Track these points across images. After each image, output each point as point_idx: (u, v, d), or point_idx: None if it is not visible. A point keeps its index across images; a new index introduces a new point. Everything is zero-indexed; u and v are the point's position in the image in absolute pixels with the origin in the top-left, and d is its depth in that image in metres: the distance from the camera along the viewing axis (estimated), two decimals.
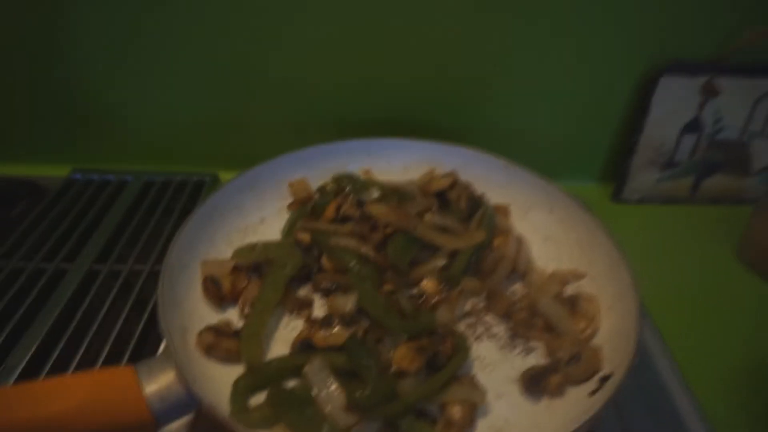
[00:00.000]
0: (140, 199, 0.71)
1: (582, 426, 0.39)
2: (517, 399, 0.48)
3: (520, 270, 0.58)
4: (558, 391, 0.47)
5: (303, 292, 0.57)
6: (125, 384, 0.39)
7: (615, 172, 0.81)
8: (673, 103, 0.74)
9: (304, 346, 0.49)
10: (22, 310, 0.55)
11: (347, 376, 0.46)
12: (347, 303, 0.53)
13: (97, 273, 0.60)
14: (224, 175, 0.78)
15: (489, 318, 0.55)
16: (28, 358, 0.51)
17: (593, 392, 0.46)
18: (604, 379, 0.46)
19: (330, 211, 0.61)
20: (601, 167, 0.83)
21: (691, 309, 0.65)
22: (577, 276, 0.57)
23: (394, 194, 0.63)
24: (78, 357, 0.51)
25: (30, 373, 0.50)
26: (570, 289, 0.56)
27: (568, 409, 0.46)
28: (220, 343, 0.49)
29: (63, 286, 0.58)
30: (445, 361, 0.47)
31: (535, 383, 0.48)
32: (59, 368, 0.50)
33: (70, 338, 0.53)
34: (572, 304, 0.54)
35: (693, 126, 0.76)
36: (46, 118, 0.75)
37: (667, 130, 0.76)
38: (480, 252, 0.57)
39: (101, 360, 0.51)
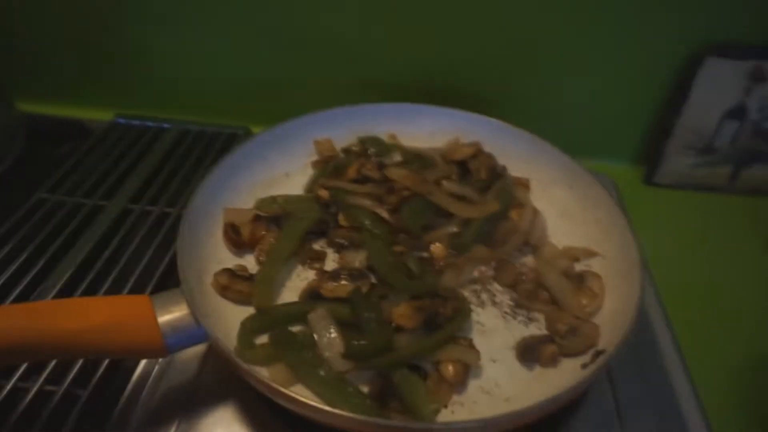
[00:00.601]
0: (176, 146, 0.75)
1: (566, 393, 0.40)
2: (511, 365, 0.49)
3: (532, 243, 0.59)
4: (551, 361, 0.48)
5: (318, 245, 0.59)
6: (140, 311, 0.43)
7: (649, 155, 0.79)
8: (717, 86, 0.71)
9: (312, 296, 0.52)
10: (60, 240, 0.60)
11: (349, 327, 0.48)
12: (357, 258, 0.55)
13: (130, 211, 0.64)
14: (256, 130, 0.80)
15: (495, 287, 0.56)
16: (61, 284, 0.56)
17: (585, 365, 0.47)
18: (598, 354, 0.47)
19: (351, 171, 0.62)
20: (637, 149, 0.81)
21: (710, 297, 0.64)
22: (589, 254, 0.57)
23: (416, 160, 0.64)
24: (106, 286, 0.56)
25: (62, 295, 0.55)
26: (580, 267, 0.57)
27: (559, 378, 0.47)
28: (234, 284, 0.52)
29: (99, 221, 0.62)
30: (445, 322, 0.49)
31: (529, 351, 0.49)
32: (88, 293, 0.55)
33: (101, 269, 0.57)
34: (579, 280, 0.54)
35: (736, 112, 0.73)
36: (95, 64, 0.79)
37: (708, 114, 0.73)
38: (494, 222, 0.58)
39: (126, 290, 0.55)
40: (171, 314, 0.43)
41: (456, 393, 0.46)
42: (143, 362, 0.51)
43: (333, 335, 0.47)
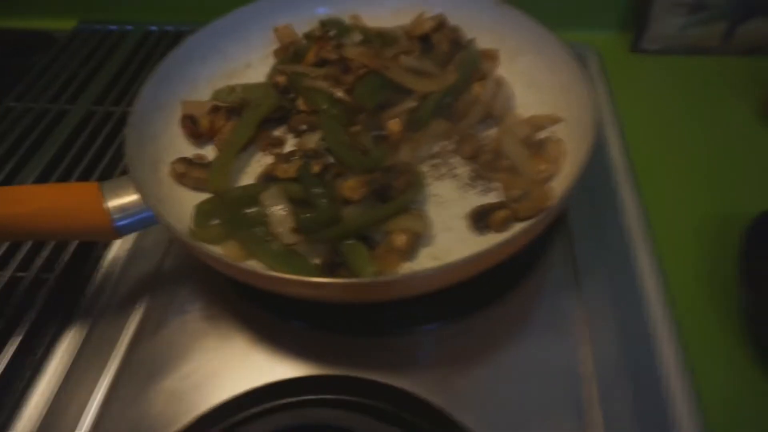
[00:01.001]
0: (138, 47, 0.75)
1: (498, 245, 0.40)
2: (464, 233, 0.49)
3: (496, 115, 0.57)
4: (502, 226, 0.48)
5: (278, 132, 0.59)
6: (88, 195, 0.44)
7: (636, 19, 0.73)
8: None
9: (268, 178, 0.52)
10: (27, 144, 0.62)
11: (301, 205, 0.48)
12: (313, 140, 0.55)
13: (94, 113, 0.65)
14: None
15: (455, 160, 0.55)
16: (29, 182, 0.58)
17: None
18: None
19: (311, 55, 0.61)
20: (623, 14, 0.76)
21: (685, 160, 0.61)
22: (553, 120, 0.55)
23: (377, 38, 0.61)
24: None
25: None
26: (545, 134, 0.55)
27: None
28: (190, 171, 0.52)
29: (64, 124, 0.64)
30: (396, 194, 0.48)
31: (481, 217, 0.49)
32: None
33: (66, 168, 0.60)
34: (539, 147, 0.52)
35: None
36: None
37: None
38: (454, 95, 0.56)
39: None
40: (119, 198, 0.44)
41: (407, 261, 0.47)
42: (112, 251, 0.53)
43: (284, 212, 0.47)
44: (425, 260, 0.47)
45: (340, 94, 0.55)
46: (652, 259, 0.50)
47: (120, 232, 0.44)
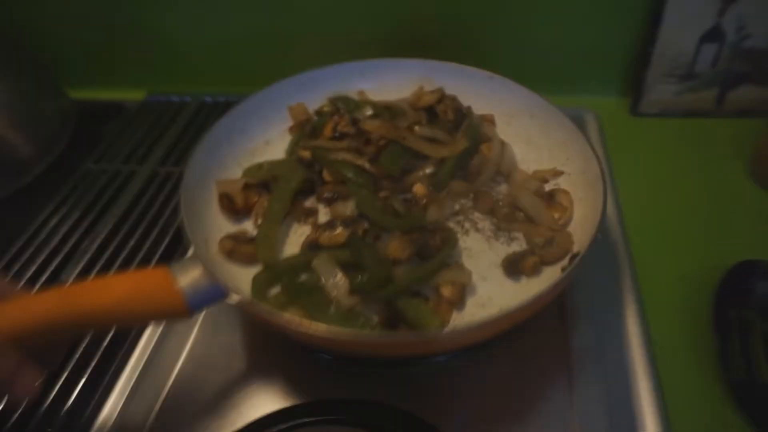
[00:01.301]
0: (196, 115, 0.89)
1: (545, 292, 0.45)
2: (500, 280, 0.55)
3: (504, 172, 0.64)
4: (534, 271, 0.54)
5: (308, 203, 0.63)
6: (161, 280, 0.46)
7: (633, 85, 0.80)
8: (689, 10, 0.72)
9: (312, 247, 0.56)
10: (104, 200, 0.75)
11: (350, 268, 0.52)
12: (347, 208, 0.59)
13: (157, 173, 0.78)
14: None
15: (476, 215, 0.61)
16: (102, 236, 0.69)
17: (564, 269, 0.53)
18: (574, 257, 0.52)
19: (328, 129, 0.66)
20: (621, 80, 0.83)
21: (675, 215, 0.67)
22: (556, 174, 0.62)
23: (386, 111, 0.68)
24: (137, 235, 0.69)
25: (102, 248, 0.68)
26: (549, 186, 0.62)
27: (543, 284, 0.52)
28: (238, 247, 0.56)
29: (133, 183, 0.77)
30: (435, 251, 0.54)
31: (514, 265, 0.55)
32: (122, 244, 0.68)
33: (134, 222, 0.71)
34: (550, 197, 0.59)
35: (713, 35, 0.73)
36: (122, 48, 0.92)
37: (684, 39, 0.74)
38: (466, 158, 0.63)
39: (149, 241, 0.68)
40: (189, 277, 0.47)
41: (456, 310, 0.52)
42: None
43: (338, 277, 0.51)
44: (472, 308, 0.52)
45: (365, 164, 0.61)
46: (638, 306, 0.56)
47: (193, 310, 0.47)
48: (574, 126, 0.61)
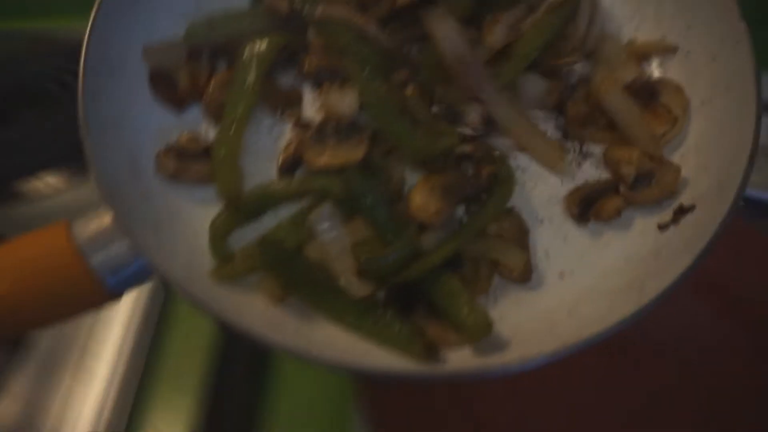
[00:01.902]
0: None
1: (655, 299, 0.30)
2: (562, 225, 0.38)
3: (588, 44, 0.42)
4: (614, 216, 0.37)
5: (287, 79, 0.43)
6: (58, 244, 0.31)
7: None
8: None
9: (290, 167, 0.39)
10: None
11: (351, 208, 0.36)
12: (344, 100, 0.40)
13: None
14: None
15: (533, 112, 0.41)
16: None
17: (664, 226, 0.36)
18: (682, 212, 0.35)
19: None
20: None
21: None
22: (664, 49, 0.41)
23: None
24: None
25: None
26: (651, 70, 0.41)
27: (627, 245, 0.36)
28: (186, 167, 0.38)
29: None
30: (479, 194, 0.36)
31: (586, 206, 0.38)
32: None
33: None
34: (650, 94, 0.39)
35: None
36: None
37: None
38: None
39: None
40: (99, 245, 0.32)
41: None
42: None
43: (339, 243, 0.35)
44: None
45: (372, 28, 0.39)
46: None
47: (112, 291, 0.32)
48: None
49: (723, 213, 0.31)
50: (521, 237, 0.36)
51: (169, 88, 0.40)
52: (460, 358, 0.32)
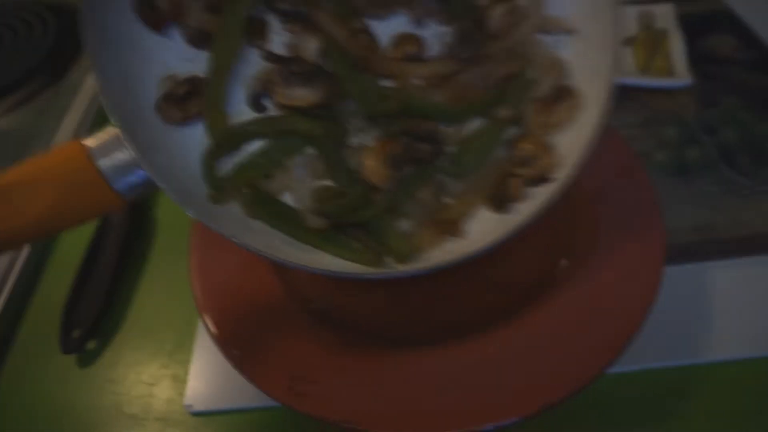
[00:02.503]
0: None
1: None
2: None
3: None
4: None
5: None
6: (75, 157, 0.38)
7: None
8: None
9: (259, 100, 0.46)
10: None
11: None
12: (309, 46, 0.46)
13: None
14: None
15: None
16: None
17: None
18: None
19: None
20: None
21: None
22: (562, 28, 0.46)
23: None
24: None
25: None
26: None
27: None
28: (187, 108, 0.43)
29: None
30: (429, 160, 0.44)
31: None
32: None
33: None
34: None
35: None
36: None
37: None
38: None
39: None
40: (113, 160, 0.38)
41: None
42: None
43: (301, 180, 0.44)
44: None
45: None
46: None
47: (122, 194, 0.39)
48: None
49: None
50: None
51: (151, 12, 0.43)
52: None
